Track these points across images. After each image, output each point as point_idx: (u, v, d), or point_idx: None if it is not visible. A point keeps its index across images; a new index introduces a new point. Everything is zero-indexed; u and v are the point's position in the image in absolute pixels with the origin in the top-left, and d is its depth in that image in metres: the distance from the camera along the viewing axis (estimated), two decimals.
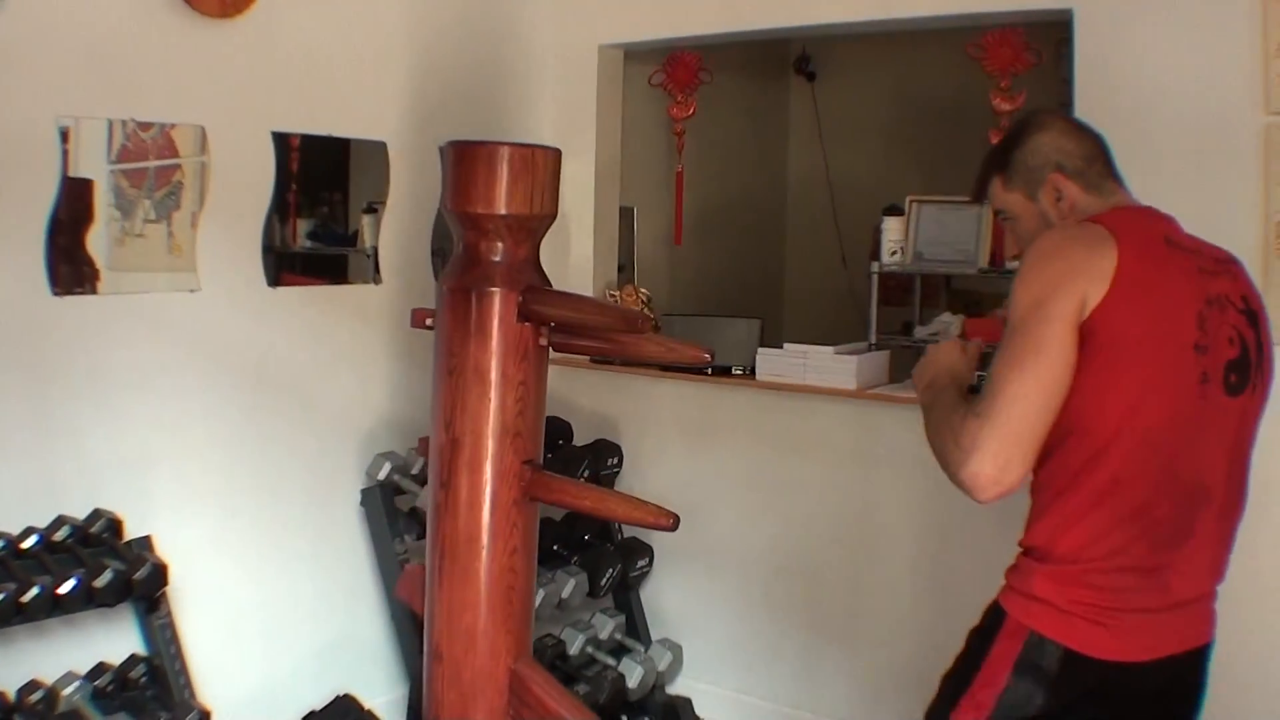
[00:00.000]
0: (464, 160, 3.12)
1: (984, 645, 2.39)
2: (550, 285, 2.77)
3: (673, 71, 5.44)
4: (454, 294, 3.09)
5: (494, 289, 2.78)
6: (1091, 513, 2.27)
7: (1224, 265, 2.41)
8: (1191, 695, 2.47)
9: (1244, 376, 2.34)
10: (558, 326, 2.82)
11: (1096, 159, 2.49)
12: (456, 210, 3.14)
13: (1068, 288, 2.20)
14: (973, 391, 2.39)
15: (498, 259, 2.91)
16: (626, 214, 5.51)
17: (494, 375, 2.64)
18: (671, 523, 2.30)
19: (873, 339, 5.00)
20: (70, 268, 3.69)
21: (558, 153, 2.91)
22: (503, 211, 2.99)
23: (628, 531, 4.98)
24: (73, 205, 3.68)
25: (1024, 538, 2.40)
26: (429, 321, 3.14)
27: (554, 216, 2.90)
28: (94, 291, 3.73)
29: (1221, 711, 3.76)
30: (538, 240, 2.85)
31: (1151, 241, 2.30)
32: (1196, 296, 2.28)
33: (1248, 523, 3.70)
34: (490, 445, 3.03)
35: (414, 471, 4.44)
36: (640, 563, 4.87)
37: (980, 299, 6.06)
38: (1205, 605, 2.43)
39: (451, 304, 3.06)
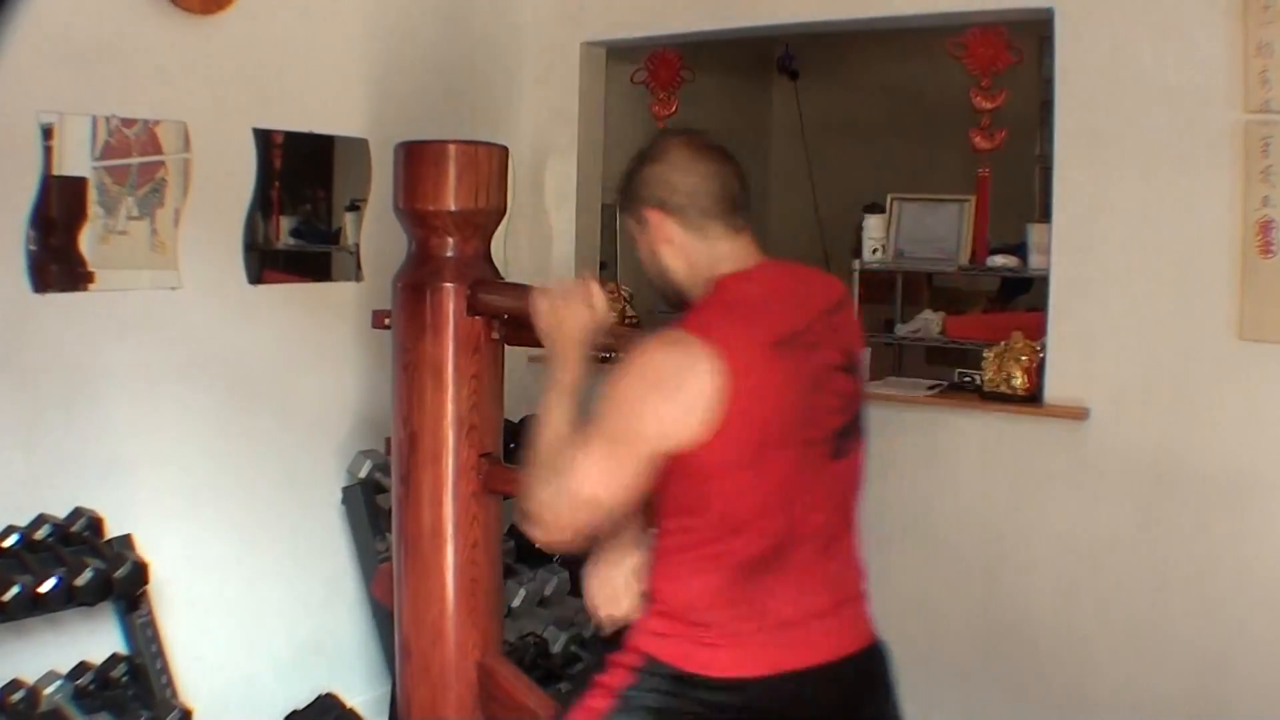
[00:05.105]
0: (412, 159, 3.16)
1: (601, 666, 2.42)
2: (501, 279, 2.78)
3: (655, 70, 5.44)
4: (407, 291, 3.13)
5: (445, 284, 2.81)
6: (706, 576, 2.30)
7: (826, 317, 2.34)
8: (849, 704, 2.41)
9: (852, 435, 2.33)
10: (508, 319, 2.84)
11: (703, 195, 2.34)
12: (407, 208, 3.18)
13: (663, 428, 2.17)
14: None
15: (449, 254, 2.95)
16: (609, 211, 5.51)
17: (449, 369, 2.66)
18: None
19: None
20: (62, 266, 3.69)
21: (503, 149, 2.93)
22: (451, 208, 3.04)
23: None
24: (66, 203, 3.68)
25: (649, 587, 2.40)
26: (388, 321, 3.18)
27: (503, 212, 2.92)
28: (86, 290, 3.73)
29: (1219, 702, 3.82)
30: (488, 235, 2.88)
31: (757, 356, 2.19)
32: (804, 391, 2.23)
33: (1243, 517, 3.77)
34: (449, 439, 3.07)
35: None
36: None
37: (962, 297, 6.08)
38: (834, 620, 2.38)
39: (405, 301, 3.10)
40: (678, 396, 2.15)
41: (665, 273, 2.42)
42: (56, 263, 3.68)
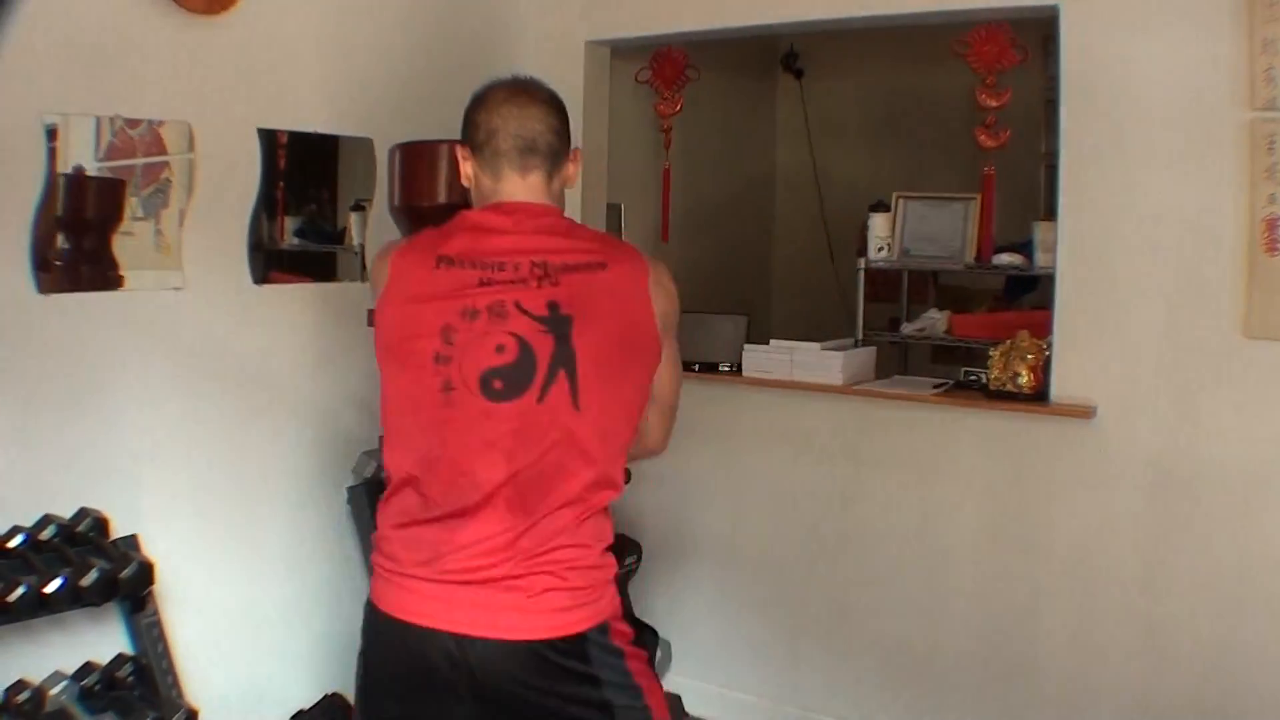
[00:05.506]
0: (407, 159, 3.21)
1: None
2: None
3: (659, 68, 5.43)
4: None
5: None
6: (390, 499, 2.49)
7: (557, 271, 2.41)
8: (504, 691, 2.40)
9: (519, 381, 2.37)
10: None
11: (499, 136, 2.53)
12: (404, 205, 3.22)
13: (376, 288, 2.53)
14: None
15: None
16: (614, 211, 5.51)
17: None
18: None
19: (859, 335, 5.01)
20: (94, 268, 3.73)
21: None
22: (443, 201, 3.07)
23: (616, 528, 4.98)
24: (102, 205, 3.74)
25: None
26: None
27: None
28: (94, 291, 3.76)
29: (1222, 701, 3.82)
30: None
31: (422, 261, 2.46)
32: (449, 312, 2.38)
33: (1251, 515, 3.75)
34: None
35: None
36: (628, 560, 4.87)
37: (968, 295, 6.07)
38: (513, 596, 2.40)
39: None
40: (377, 278, 2.52)
41: (468, 199, 2.65)
42: (89, 264, 3.73)
